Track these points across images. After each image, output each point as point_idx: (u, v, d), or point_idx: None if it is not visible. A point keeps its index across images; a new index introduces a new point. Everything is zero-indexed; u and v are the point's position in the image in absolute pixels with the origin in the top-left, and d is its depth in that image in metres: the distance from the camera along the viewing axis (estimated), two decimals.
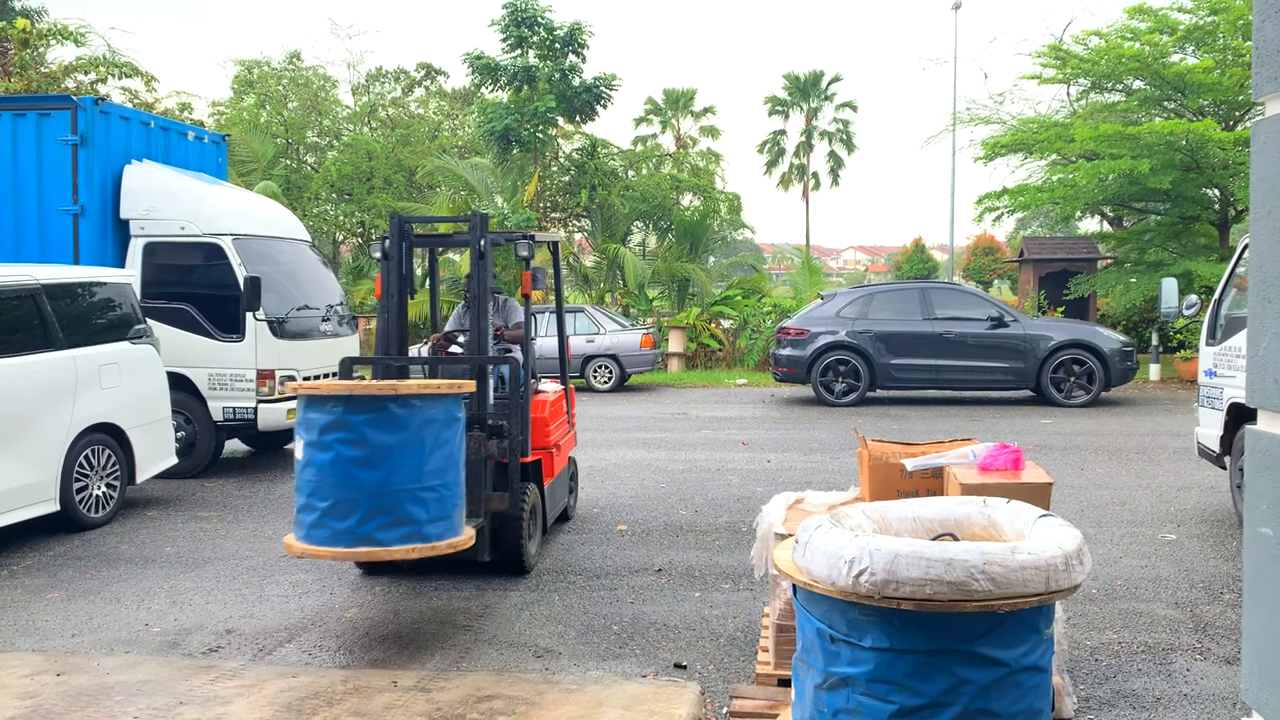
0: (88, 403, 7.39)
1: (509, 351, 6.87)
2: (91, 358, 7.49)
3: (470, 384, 5.20)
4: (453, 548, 4.98)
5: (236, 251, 9.29)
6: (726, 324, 22.69)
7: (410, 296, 6.47)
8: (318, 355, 9.85)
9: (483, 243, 6.07)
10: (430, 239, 7.32)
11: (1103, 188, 19.12)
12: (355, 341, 10.78)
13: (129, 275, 8.60)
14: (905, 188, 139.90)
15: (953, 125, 25.26)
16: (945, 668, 2.71)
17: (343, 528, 4.70)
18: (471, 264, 6.17)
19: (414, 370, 6.64)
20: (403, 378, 6.23)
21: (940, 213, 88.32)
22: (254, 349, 9.22)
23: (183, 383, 9.13)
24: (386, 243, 6.24)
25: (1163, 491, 8.49)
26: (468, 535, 5.11)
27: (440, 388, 4.94)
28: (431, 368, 6.55)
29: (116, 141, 9.42)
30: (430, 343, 7.09)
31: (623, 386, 17.61)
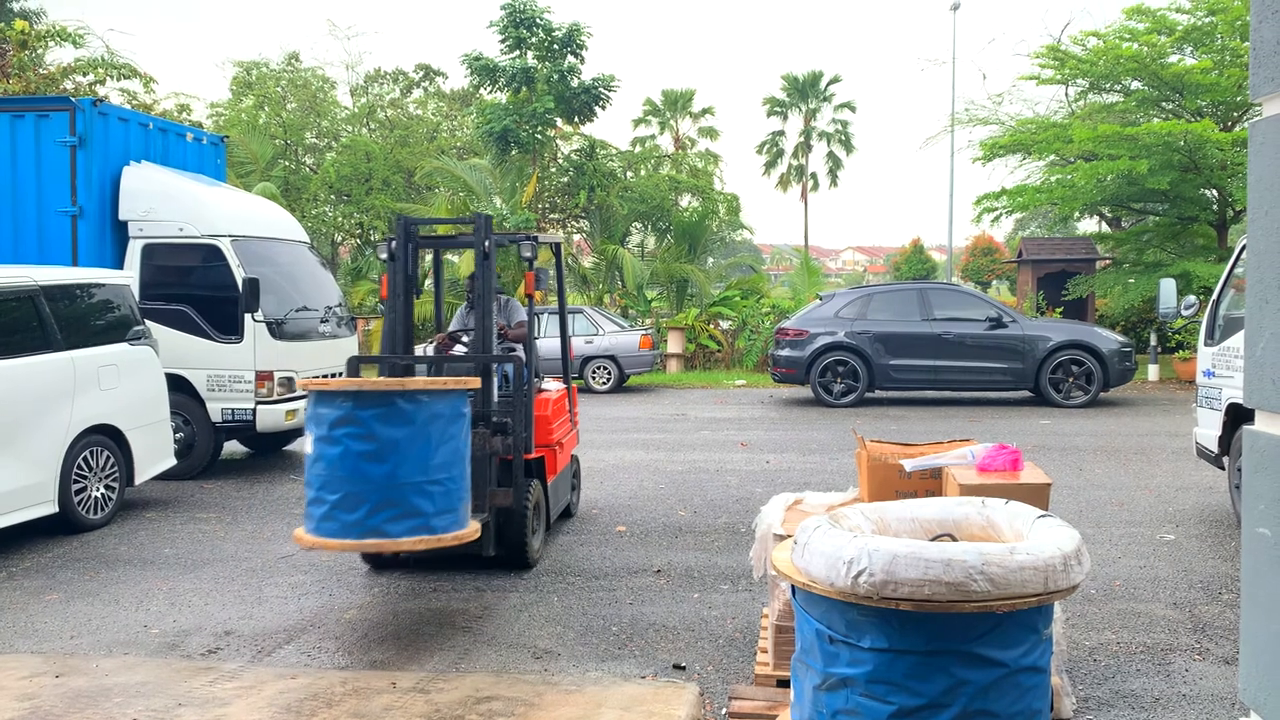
0: (86, 404, 7.39)
1: (513, 351, 6.94)
2: (90, 359, 7.49)
3: (475, 381, 5.28)
4: (458, 540, 5.07)
5: (235, 253, 9.29)
6: (725, 325, 22.68)
7: (416, 296, 6.58)
8: (316, 356, 9.84)
9: (487, 244, 6.15)
10: (435, 240, 7.40)
11: (1101, 188, 19.13)
12: (354, 343, 10.77)
13: (127, 277, 8.60)
14: (904, 188, 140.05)
15: (951, 126, 25.30)
16: (944, 668, 2.71)
17: (352, 520, 4.81)
18: (476, 265, 6.24)
19: (419, 368, 6.71)
20: (409, 376, 6.31)
21: (939, 213, 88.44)
22: (252, 350, 9.22)
23: (181, 384, 9.13)
24: (393, 244, 6.32)
25: (1161, 492, 8.50)
26: (473, 528, 5.19)
27: (446, 384, 5.04)
28: (437, 366, 6.64)
29: (115, 143, 9.42)
30: (435, 342, 7.18)
31: (621, 387, 17.62)
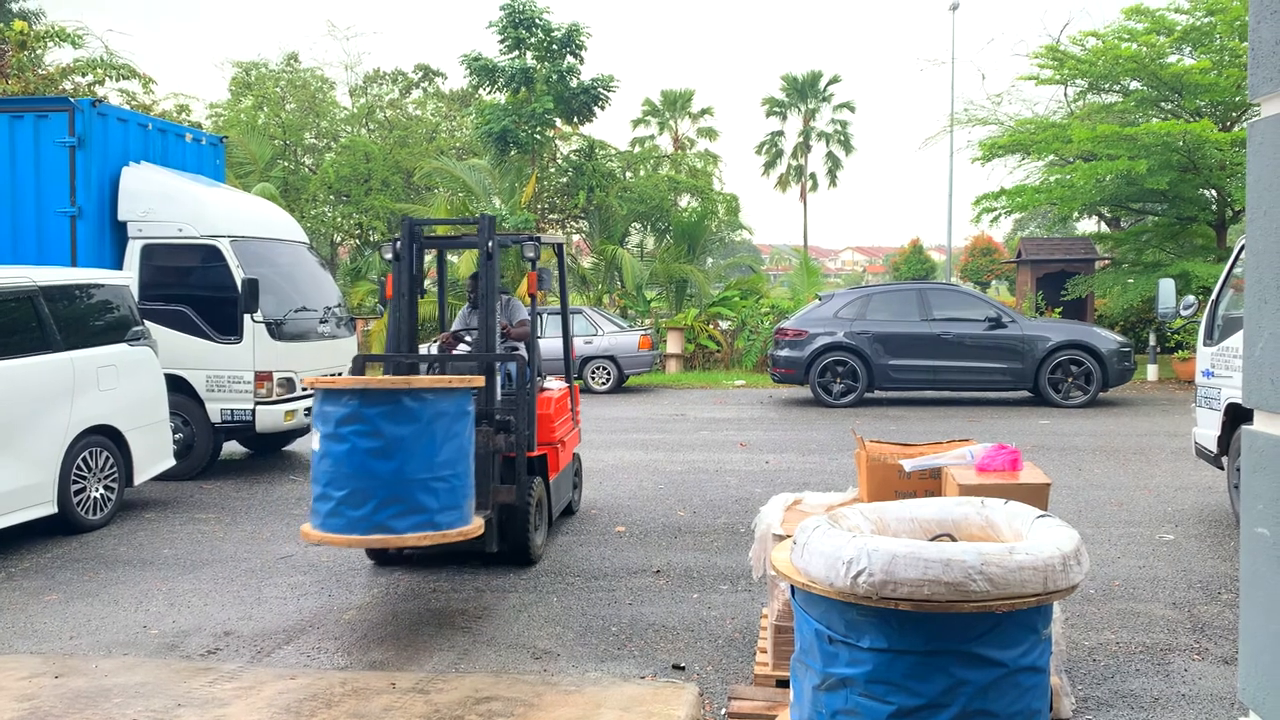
0: (85, 405, 7.39)
1: (516, 349, 7.02)
2: (89, 360, 7.49)
3: (480, 379, 5.36)
4: (463, 536, 5.16)
5: (234, 253, 9.29)
6: (724, 325, 22.68)
7: (420, 296, 6.68)
8: (316, 357, 9.84)
9: (490, 244, 6.25)
10: (439, 241, 7.48)
11: (1100, 188, 19.13)
12: (353, 343, 10.77)
13: (127, 277, 8.59)
14: (903, 189, 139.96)
15: (950, 126, 25.29)
16: (943, 668, 2.71)
17: (358, 516, 4.90)
18: (479, 265, 6.33)
19: (423, 367, 6.80)
20: (413, 374, 6.39)
21: (938, 213, 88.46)
22: (252, 351, 9.22)
23: (180, 384, 9.12)
24: (397, 244, 6.41)
25: (1160, 492, 8.50)
26: (477, 525, 5.27)
27: (451, 382, 5.13)
28: (441, 364, 6.72)
29: (114, 143, 9.41)
30: (439, 341, 7.27)
31: (621, 388, 17.61)
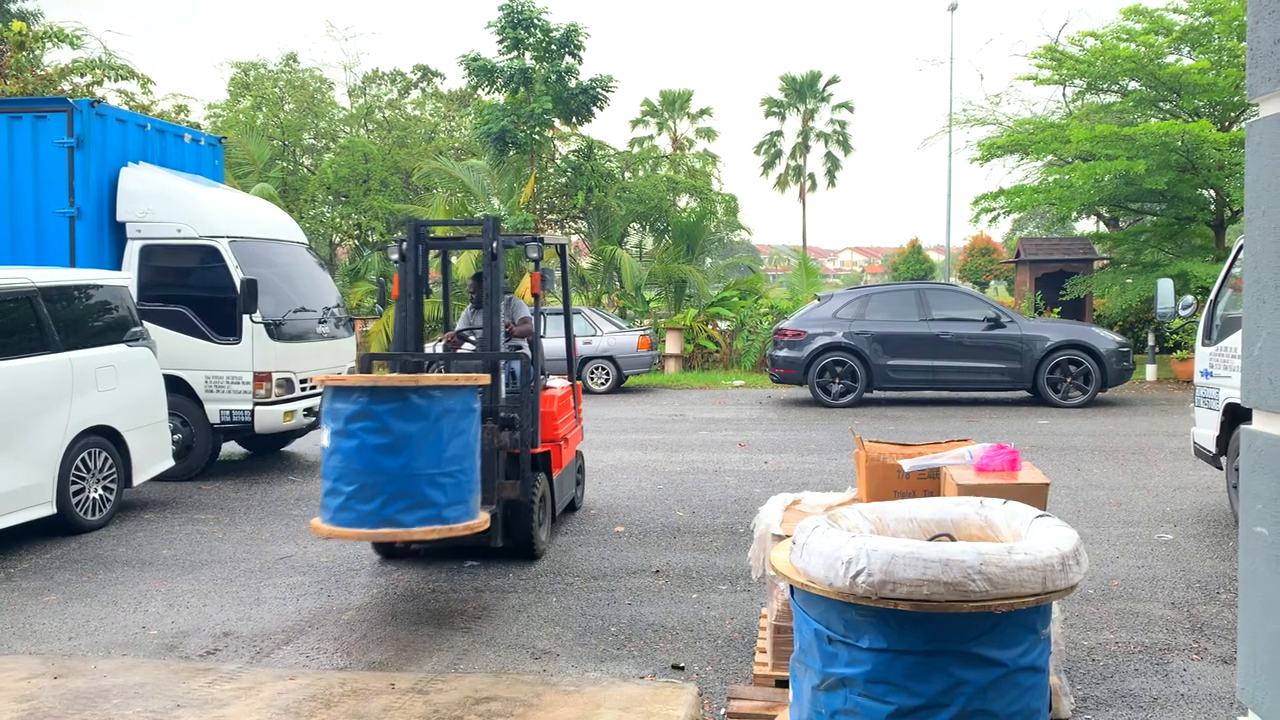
0: (84, 405, 7.38)
1: (520, 348, 7.12)
2: (88, 360, 7.48)
3: (485, 377, 5.47)
4: (469, 530, 5.31)
5: (233, 254, 9.28)
6: (723, 325, 22.68)
7: (426, 296, 6.80)
8: (315, 357, 9.84)
9: (495, 245, 6.37)
10: (444, 241, 7.55)
11: (1099, 188, 19.14)
12: (352, 343, 10.77)
13: (125, 278, 8.59)
14: (902, 189, 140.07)
15: (949, 126, 25.30)
16: (943, 668, 2.71)
17: (367, 510, 5.04)
18: (484, 265, 6.44)
19: (432, 365, 6.88)
20: (420, 373, 6.49)
21: (937, 214, 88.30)
22: (250, 351, 9.21)
23: (179, 385, 9.12)
24: (403, 245, 6.52)
25: (1159, 492, 8.51)
26: (483, 519, 5.42)
27: (458, 380, 5.26)
28: (446, 363, 6.82)
29: (113, 144, 9.41)
30: (444, 340, 7.40)
31: (620, 388, 17.61)
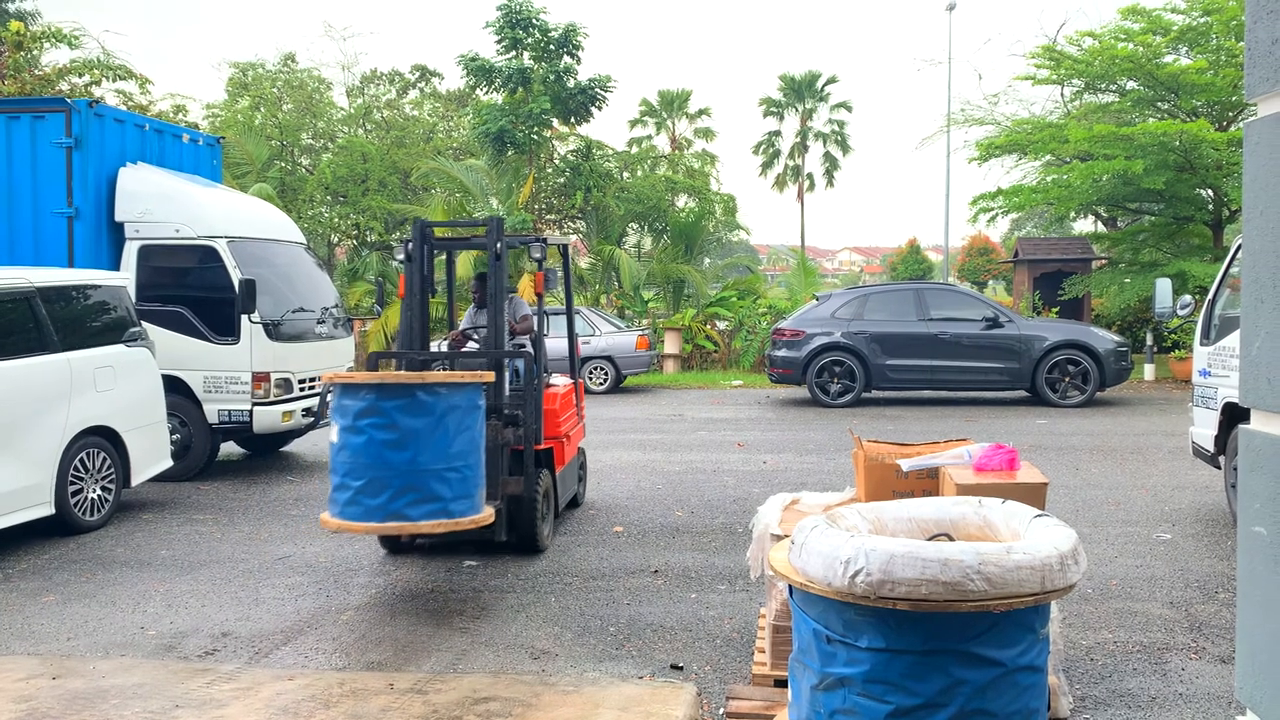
0: (83, 406, 7.38)
1: (523, 346, 7.23)
2: (86, 360, 7.48)
3: (490, 375, 5.57)
4: (474, 524, 5.43)
5: (231, 254, 9.28)
6: (722, 325, 22.68)
7: (431, 295, 6.87)
8: (313, 357, 9.84)
9: (499, 245, 6.47)
10: (450, 242, 7.63)
11: (1097, 188, 19.15)
12: (350, 343, 10.77)
13: (124, 278, 8.58)
14: (900, 189, 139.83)
15: (947, 126, 25.30)
16: (941, 668, 2.71)
17: (375, 504, 5.16)
18: (489, 265, 6.54)
19: (434, 364, 6.95)
20: (425, 370, 6.58)
21: (935, 214, 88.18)
22: (249, 351, 9.21)
23: (178, 385, 9.11)
24: (409, 246, 6.63)
25: (1158, 491, 8.51)
26: (488, 513, 5.55)
27: (463, 378, 5.38)
28: (451, 361, 6.90)
29: (111, 144, 9.40)
30: (449, 339, 7.53)
31: (618, 388, 17.61)
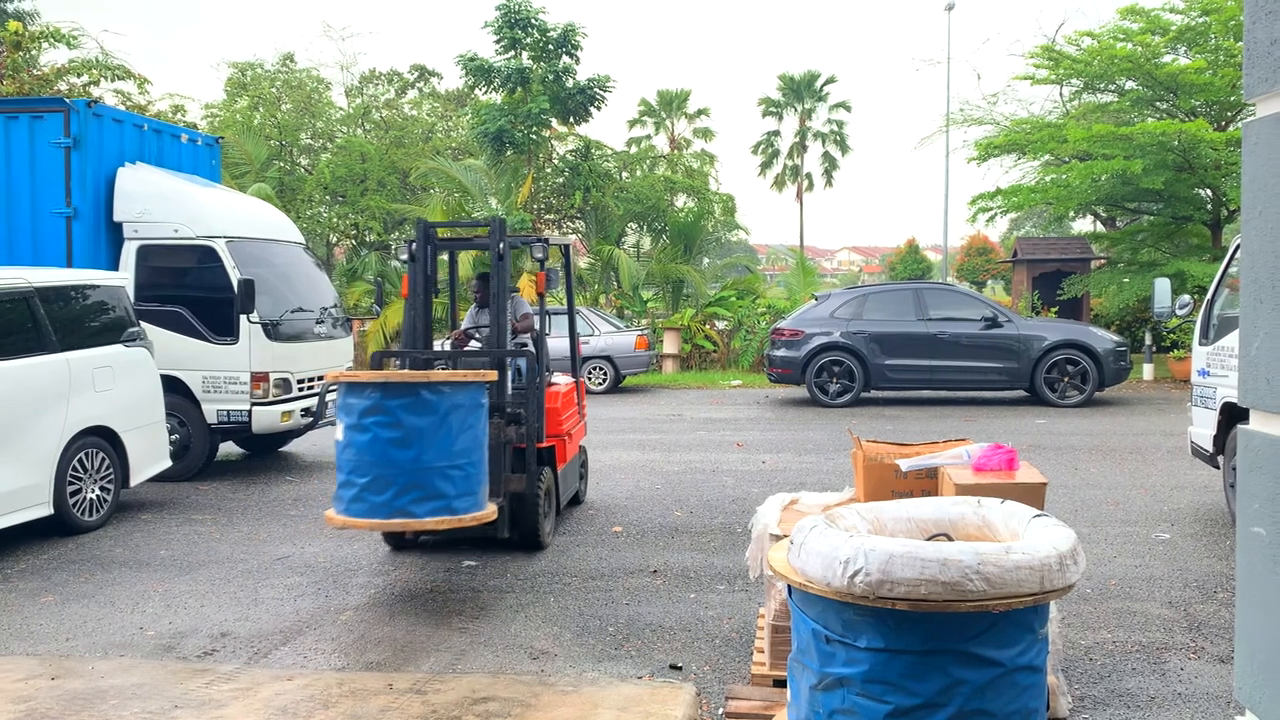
0: (81, 406, 7.38)
1: (525, 346, 7.29)
2: (85, 361, 7.47)
3: (493, 374, 5.63)
4: (477, 521, 5.50)
5: (230, 254, 9.27)
6: (721, 325, 22.68)
7: (434, 295, 6.94)
8: (312, 357, 9.84)
9: (502, 246, 6.52)
10: (453, 242, 7.69)
11: (1096, 188, 19.15)
12: (349, 343, 10.77)
13: (122, 278, 8.58)
14: (899, 189, 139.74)
15: (946, 126, 25.27)
16: (940, 668, 2.71)
17: (379, 501, 5.23)
18: (491, 265, 6.59)
19: (436, 363, 6.99)
20: (429, 369, 6.64)
21: (934, 213, 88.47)
22: (248, 352, 9.21)
23: (176, 385, 9.11)
24: (413, 246, 6.70)
25: (1156, 491, 8.51)
26: (491, 510, 5.61)
27: (467, 377, 5.44)
28: (454, 360, 6.96)
29: (110, 144, 9.40)
30: (451, 338, 7.61)
31: (617, 388, 17.61)
